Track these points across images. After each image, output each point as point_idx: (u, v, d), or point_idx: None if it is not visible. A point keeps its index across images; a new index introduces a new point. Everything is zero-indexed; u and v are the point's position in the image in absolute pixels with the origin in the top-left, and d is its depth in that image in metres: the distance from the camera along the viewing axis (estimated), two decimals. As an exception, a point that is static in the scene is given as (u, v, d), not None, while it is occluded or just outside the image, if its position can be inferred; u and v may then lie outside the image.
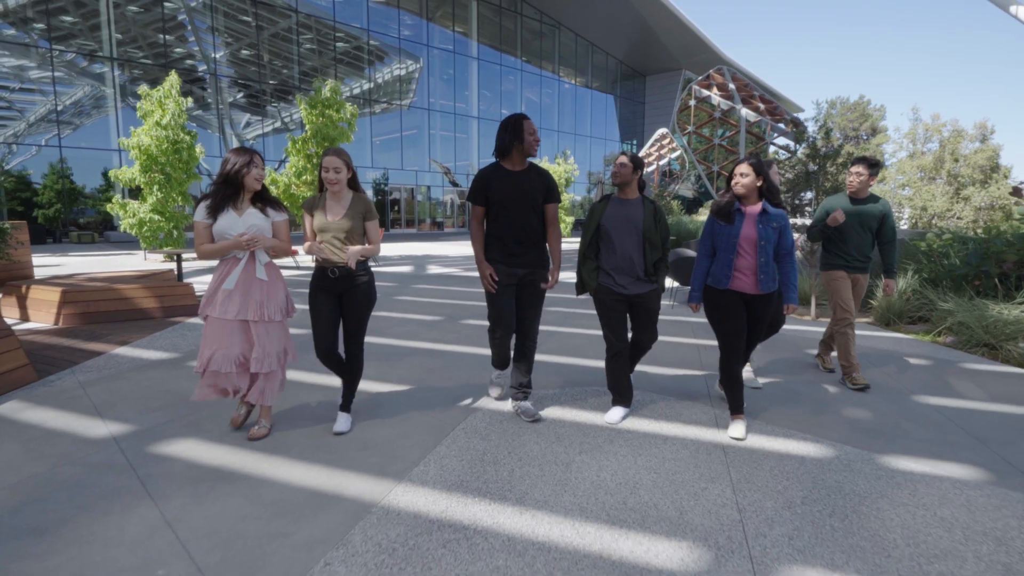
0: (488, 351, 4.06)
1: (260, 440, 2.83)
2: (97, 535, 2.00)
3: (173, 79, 12.43)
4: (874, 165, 3.89)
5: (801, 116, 50.75)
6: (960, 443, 2.99)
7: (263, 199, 2.87)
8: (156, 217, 12.35)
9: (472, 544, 1.96)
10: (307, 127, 13.11)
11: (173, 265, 10.70)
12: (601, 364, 4.02)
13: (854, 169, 3.95)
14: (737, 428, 3.01)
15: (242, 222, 2.75)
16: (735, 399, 3.09)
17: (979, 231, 6.36)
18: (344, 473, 2.50)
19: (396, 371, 4.11)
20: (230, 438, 2.88)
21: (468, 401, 3.48)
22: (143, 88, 12.53)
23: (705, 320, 6.42)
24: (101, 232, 20.58)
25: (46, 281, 6.24)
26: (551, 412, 3.32)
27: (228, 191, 2.76)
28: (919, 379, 4.16)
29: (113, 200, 12.38)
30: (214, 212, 2.73)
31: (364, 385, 3.69)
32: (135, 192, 13.64)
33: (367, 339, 3.24)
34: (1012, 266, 5.57)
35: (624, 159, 3.17)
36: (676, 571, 1.84)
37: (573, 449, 2.80)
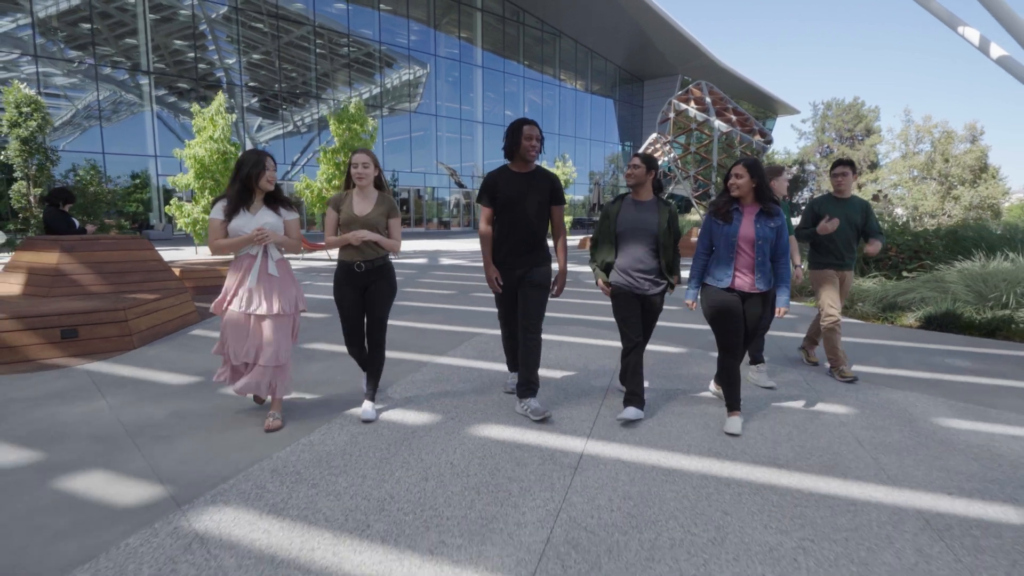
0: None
1: (277, 431, 2.91)
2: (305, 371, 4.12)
3: (220, 99, 14.57)
4: (853, 165, 4.13)
5: (798, 118, 52.70)
6: (767, 351, 5.06)
7: (276, 199, 3.00)
8: (207, 217, 14.53)
9: (481, 374, 4.08)
10: (335, 139, 15.26)
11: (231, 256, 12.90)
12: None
13: (840, 171, 4.09)
14: (734, 424, 3.01)
15: (256, 221, 2.89)
16: (732, 396, 3.09)
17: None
18: (405, 353, 4.60)
19: (427, 317, 6.23)
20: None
21: (474, 330, 5.59)
22: (195, 107, 14.67)
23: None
24: (140, 231, 22.80)
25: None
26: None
27: (244, 194, 2.90)
28: (778, 323, 6.21)
29: (172, 202, 14.55)
30: (230, 214, 2.87)
31: (409, 323, 5.81)
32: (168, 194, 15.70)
33: (402, 303, 5.15)
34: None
35: (637, 160, 3.15)
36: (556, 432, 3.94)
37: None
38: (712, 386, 3.70)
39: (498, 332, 4.40)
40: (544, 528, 2.05)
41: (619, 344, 3.36)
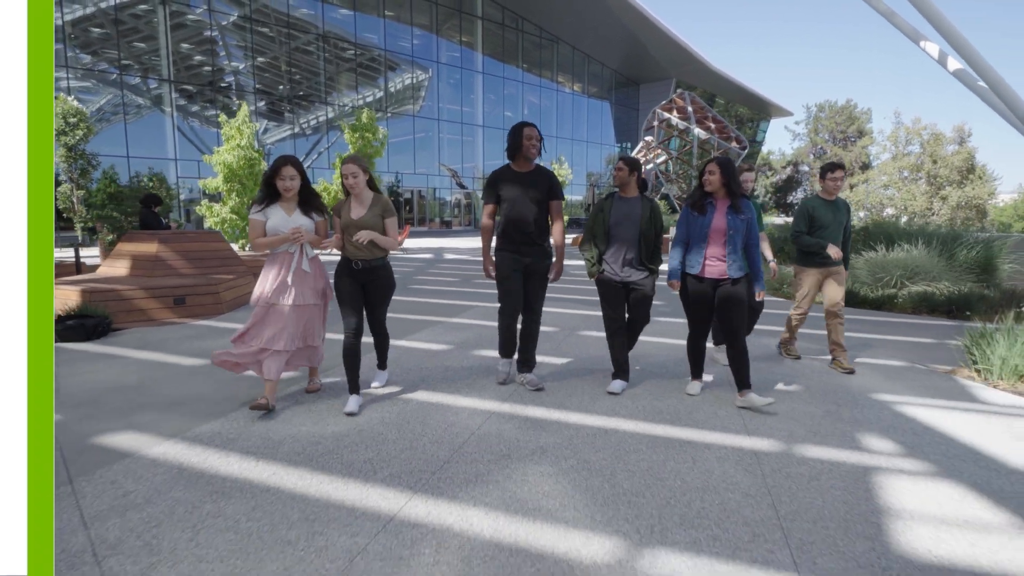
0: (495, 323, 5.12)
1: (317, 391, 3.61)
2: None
3: (245, 109, 16.21)
4: (844, 167, 4.30)
5: (791, 120, 54.08)
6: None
7: (310, 204, 3.32)
8: (234, 217, 16.19)
9: (481, 327, 5.73)
10: (350, 147, 16.93)
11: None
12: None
13: (838, 175, 4.26)
14: (693, 386, 3.66)
15: (291, 222, 3.20)
16: (696, 366, 3.67)
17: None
18: (423, 316, 6.24)
19: (438, 295, 7.90)
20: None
21: (475, 304, 7.23)
22: (223, 117, 16.32)
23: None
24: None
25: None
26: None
27: (269, 191, 3.23)
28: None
29: (201, 203, 16.21)
30: (260, 207, 3.21)
31: (423, 299, 7.47)
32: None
33: (416, 287, 6.67)
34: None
35: (621, 163, 3.60)
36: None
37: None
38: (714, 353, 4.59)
39: (494, 305, 5.93)
40: (511, 389, 3.73)
41: (586, 312, 5.00)
